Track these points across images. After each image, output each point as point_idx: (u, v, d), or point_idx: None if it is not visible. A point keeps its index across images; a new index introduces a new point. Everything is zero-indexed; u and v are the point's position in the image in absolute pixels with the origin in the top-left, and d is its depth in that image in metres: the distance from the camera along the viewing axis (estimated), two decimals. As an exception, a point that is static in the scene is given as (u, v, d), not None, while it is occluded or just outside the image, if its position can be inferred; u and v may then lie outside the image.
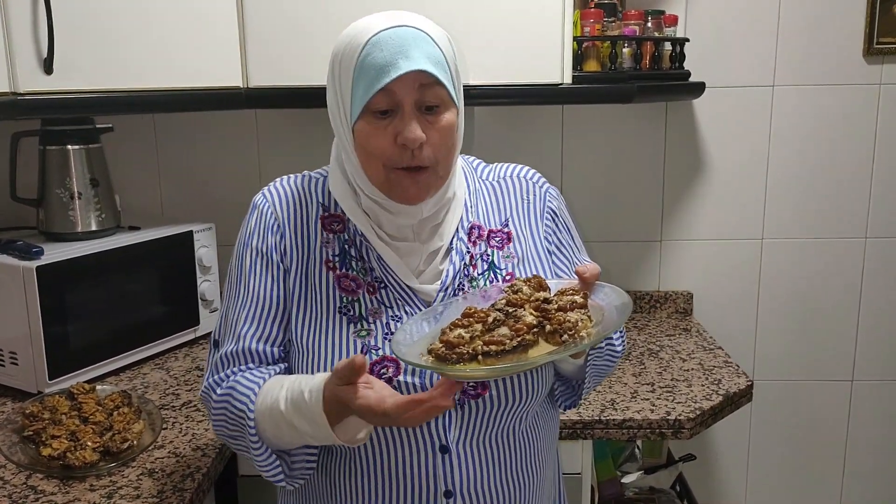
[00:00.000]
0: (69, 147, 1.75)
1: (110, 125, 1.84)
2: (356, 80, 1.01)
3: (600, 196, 2.18)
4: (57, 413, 1.44)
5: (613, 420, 1.55)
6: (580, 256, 1.22)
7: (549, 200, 1.19)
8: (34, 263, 1.56)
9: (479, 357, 0.90)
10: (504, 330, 0.93)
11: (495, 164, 1.23)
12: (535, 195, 1.18)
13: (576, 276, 1.13)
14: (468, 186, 1.16)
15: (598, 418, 1.55)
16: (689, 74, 1.96)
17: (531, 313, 0.95)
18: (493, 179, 1.19)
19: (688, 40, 1.96)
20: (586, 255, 1.24)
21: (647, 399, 1.64)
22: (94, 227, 1.78)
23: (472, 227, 1.13)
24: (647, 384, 1.72)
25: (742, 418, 2.27)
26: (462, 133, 1.10)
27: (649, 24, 1.90)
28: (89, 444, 1.35)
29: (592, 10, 1.85)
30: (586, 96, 1.79)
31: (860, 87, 2.10)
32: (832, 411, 2.29)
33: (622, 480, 1.98)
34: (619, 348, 1.19)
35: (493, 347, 0.90)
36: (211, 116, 2.09)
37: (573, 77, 1.74)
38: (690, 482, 2.10)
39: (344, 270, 1.10)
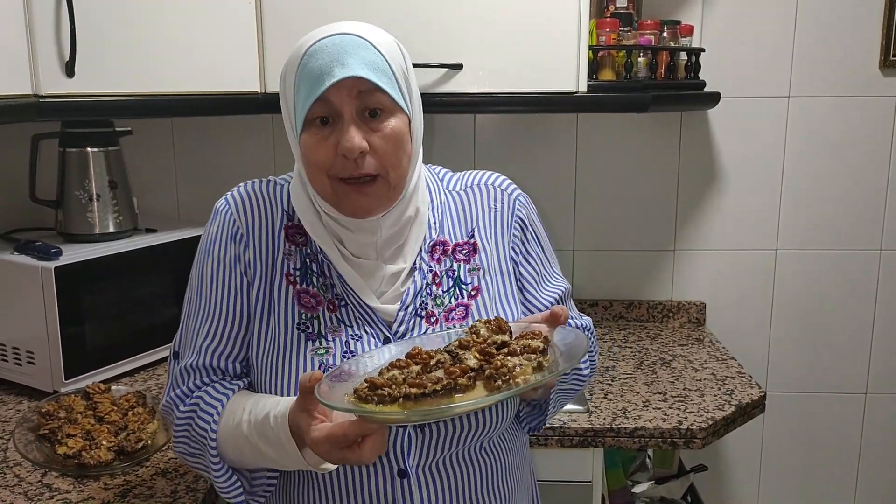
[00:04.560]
0: (88, 149, 1.77)
1: (129, 128, 1.86)
2: (297, 92, 0.99)
3: (614, 205, 2.18)
4: (72, 412, 1.45)
5: (625, 428, 1.55)
6: (550, 269, 1.18)
7: (517, 209, 1.14)
8: (52, 264, 1.58)
9: (401, 400, 0.86)
10: (438, 373, 0.89)
11: (464, 172, 1.17)
12: (503, 203, 1.14)
13: (542, 308, 1.11)
14: (432, 201, 1.11)
15: (609, 426, 1.55)
16: (704, 84, 1.96)
17: (475, 356, 0.91)
18: (461, 189, 1.14)
19: (703, 50, 1.97)
20: (557, 267, 1.20)
21: (659, 408, 1.64)
22: (111, 229, 1.80)
23: (435, 244, 1.09)
24: (659, 393, 1.72)
25: (754, 429, 2.26)
26: (419, 143, 1.06)
27: (665, 34, 1.90)
28: (104, 443, 1.36)
29: (608, 19, 1.86)
30: (601, 105, 1.79)
31: (876, 98, 2.10)
32: (846, 424, 2.28)
33: (633, 490, 1.97)
34: (585, 373, 1.17)
35: (414, 390, 0.86)
36: (228, 121, 2.11)
37: (588, 86, 1.74)
38: (702, 493, 2.09)
39: (304, 286, 1.06)
